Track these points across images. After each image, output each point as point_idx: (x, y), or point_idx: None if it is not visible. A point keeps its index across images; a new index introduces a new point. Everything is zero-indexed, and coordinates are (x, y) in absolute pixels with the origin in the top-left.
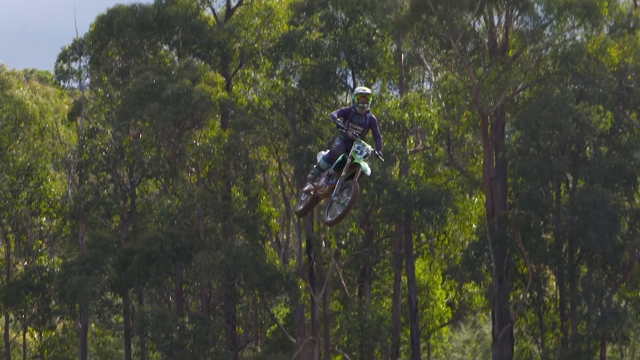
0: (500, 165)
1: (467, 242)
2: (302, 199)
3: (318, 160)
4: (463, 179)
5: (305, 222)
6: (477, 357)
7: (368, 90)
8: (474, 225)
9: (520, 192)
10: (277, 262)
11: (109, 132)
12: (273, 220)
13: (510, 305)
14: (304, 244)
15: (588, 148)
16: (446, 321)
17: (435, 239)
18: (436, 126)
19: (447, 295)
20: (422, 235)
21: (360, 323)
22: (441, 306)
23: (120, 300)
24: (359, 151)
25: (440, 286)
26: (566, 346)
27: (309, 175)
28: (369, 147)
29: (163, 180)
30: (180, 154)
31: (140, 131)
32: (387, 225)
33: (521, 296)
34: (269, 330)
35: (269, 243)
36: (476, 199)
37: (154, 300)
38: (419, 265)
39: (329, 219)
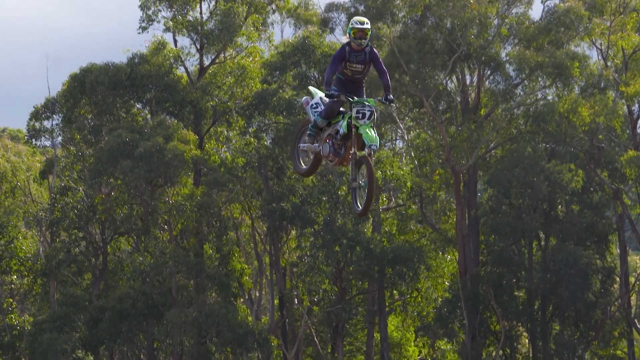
0: (473, 222)
1: (440, 300)
2: (300, 157)
3: (311, 114)
4: (436, 237)
5: (278, 279)
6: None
7: (367, 25)
8: (446, 283)
9: (492, 249)
10: (250, 319)
11: (80, 189)
12: (245, 278)
13: None
14: (276, 301)
15: (560, 206)
16: None
17: (408, 296)
18: (409, 184)
19: (420, 352)
20: (395, 292)
21: None
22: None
23: (91, 358)
24: (360, 115)
25: (413, 343)
26: None
27: (308, 132)
28: (371, 101)
29: (135, 237)
30: (153, 212)
31: (112, 189)
32: (360, 282)
33: (494, 353)
34: None
35: (242, 300)
36: (449, 257)
37: (125, 358)
38: (392, 322)
39: (359, 208)
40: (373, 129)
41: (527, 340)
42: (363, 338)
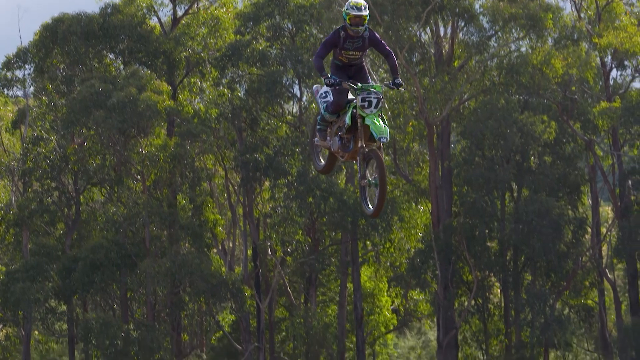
0: (446, 174)
1: (413, 250)
2: (318, 152)
3: (321, 104)
4: (409, 188)
5: (251, 230)
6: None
7: (364, 10)
8: (419, 234)
9: (465, 200)
10: (223, 269)
11: (53, 140)
12: (219, 228)
13: (455, 312)
14: (249, 252)
15: (532, 158)
16: (391, 328)
17: (381, 246)
18: None
19: (393, 302)
20: (368, 243)
21: (305, 330)
22: (387, 313)
23: (64, 307)
24: (365, 104)
25: (385, 293)
26: (510, 353)
27: (317, 127)
28: (378, 87)
29: (108, 187)
30: (126, 162)
31: (85, 139)
32: (333, 233)
33: (466, 303)
34: (214, 337)
35: (215, 251)
36: (422, 208)
37: (98, 307)
38: (365, 272)
39: (371, 209)
40: (382, 119)
41: (499, 290)
42: (336, 288)
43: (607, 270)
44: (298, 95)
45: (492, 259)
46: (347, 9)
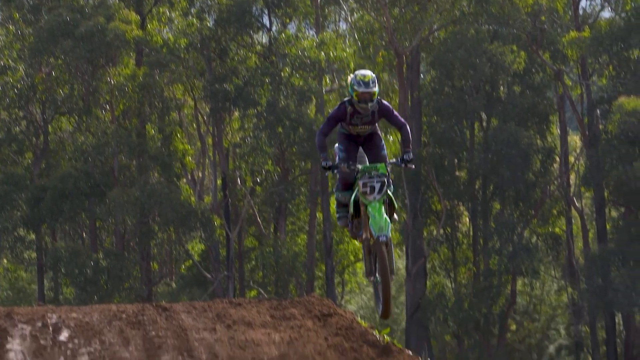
0: (415, 104)
1: None
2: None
3: (335, 192)
4: None
5: (221, 160)
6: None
7: (372, 85)
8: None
9: (434, 130)
10: (192, 199)
11: (20, 69)
12: (188, 158)
13: (423, 241)
14: (219, 182)
15: (502, 87)
16: (360, 257)
17: None
18: (352, 65)
19: None
20: (336, 173)
21: (275, 259)
22: (355, 242)
23: (32, 236)
24: (367, 190)
25: None
26: (478, 280)
27: (337, 215)
28: (381, 168)
29: (77, 117)
30: (94, 92)
31: (52, 68)
32: (303, 163)
33: (435, 232)
34: (183, 266)
35: (184, 180)
36: (391, 138)
37: (67, 236)
38: (334, 202)
39: (379, 310)
40: (384, 208)
41: (467, 219)
42: (305, 218)
43: (574, 198)
44: (267, 25)
45: (461, 188)
46: (353, 84)
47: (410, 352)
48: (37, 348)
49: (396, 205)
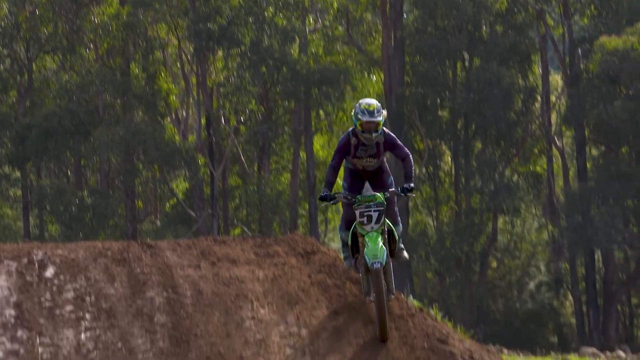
0: (399, 44)
1: None
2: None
3: (338, 231)
4: (362, 58)
5: (205, 99)
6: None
7: (377, 115)
8: None
9: (417, 70)
10: (177, 138)
11: (4, 7)
12: (172, 97)
13: None
14: (203, 121)
15: (484, 27)
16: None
17: (334, 115)
18: (335, 5)
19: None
20: (320, 112)
21: (259, 197)
22: (338, 180)
23: (17, 174)
24: (364, 219)
25: None
26: (460, 218)
27: (342, 256)
28: (378, 197)
29: (61, 56)
30: (78, 30)
31: (36, 6)
32: (286, 103)
33: (417, 171)
34: (168, 205)
35: (169, 119)
36: (374, 77)
37: (52, 174)
38: (318, 141)
39: (377, 332)
40: (381, 238)
41: (449, 158)
42: (289, 157)
43: (555, 137)
44: None
45: (443, 127)
46: (357, 112)
47: None
48: (23, 284)
49: (397, 237)
